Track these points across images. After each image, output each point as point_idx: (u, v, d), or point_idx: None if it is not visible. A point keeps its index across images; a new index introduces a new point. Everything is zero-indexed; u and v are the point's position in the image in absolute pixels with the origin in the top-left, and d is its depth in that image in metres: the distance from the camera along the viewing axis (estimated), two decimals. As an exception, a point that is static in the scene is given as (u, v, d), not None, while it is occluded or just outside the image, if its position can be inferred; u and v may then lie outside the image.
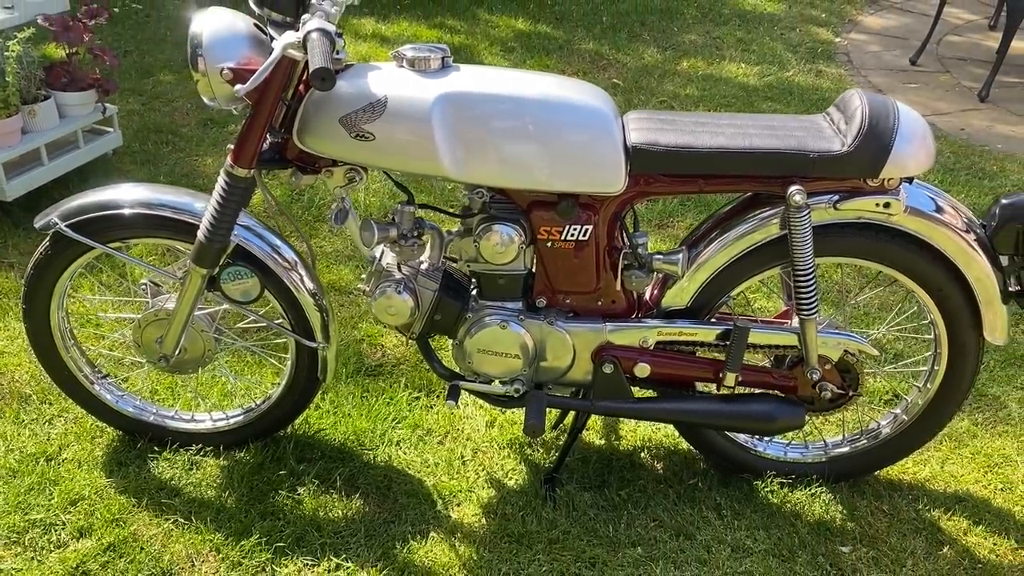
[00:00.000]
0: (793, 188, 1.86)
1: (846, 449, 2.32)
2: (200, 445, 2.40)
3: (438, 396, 2.62)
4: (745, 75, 5.13)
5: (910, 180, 1.95)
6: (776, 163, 1.86)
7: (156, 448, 2.39)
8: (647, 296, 2.15)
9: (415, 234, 2.02)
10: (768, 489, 2.32)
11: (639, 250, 2.00)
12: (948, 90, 5.11)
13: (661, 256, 2.00)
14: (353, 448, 2.42)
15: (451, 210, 2.09)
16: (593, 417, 2.48)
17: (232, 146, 1.93)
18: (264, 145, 1.94)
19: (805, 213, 1.88)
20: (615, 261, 2.03)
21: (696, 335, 2.06)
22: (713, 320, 2.10)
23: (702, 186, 1.94)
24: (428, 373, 2.68)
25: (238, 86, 1.74)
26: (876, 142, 1.84)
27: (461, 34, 5.51)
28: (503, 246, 1.96)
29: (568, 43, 5.45)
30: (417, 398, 2.61)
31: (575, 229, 1.96)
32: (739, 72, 5.16)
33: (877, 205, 1.91)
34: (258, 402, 2.41)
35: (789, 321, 2.17)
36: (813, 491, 2.31)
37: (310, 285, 2.17)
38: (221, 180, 1.95)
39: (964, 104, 4.93)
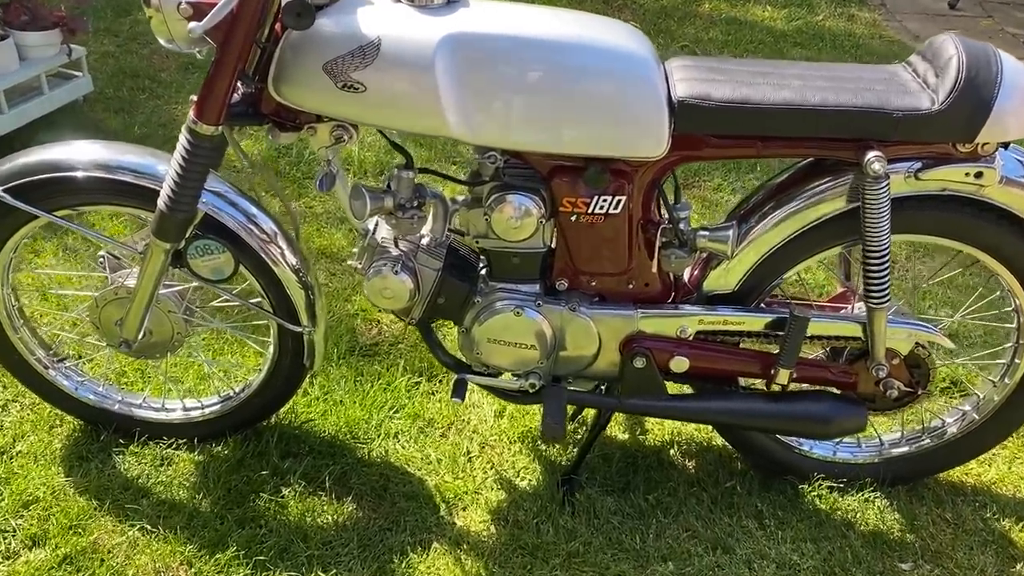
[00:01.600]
0: (871, 154, 1.54)
1: (905, 449, 2.04)
2: (172, 437, 2.12)
3: (441, 381, 2.33)
4: (772, 19, 4.74)
5: (1006, 145, 1.63)
6: (852, 123, 1.54)
7: (122, 441, 2.12)
8: (685, 278, 1.84)
9: (415, 204, 1.71)
10: (815, 494, 2.05)
11: (681, 225, 1.69)
12: (991, 36, 4.73)
13: (707, 232, 1.69)
14: (345, 441, 2.14)
15: (458, 176, 1.77)
16: (615, 407, 2.19)
17: (195, 97, 1.61)
18: (234, 97, 1.62)
19: (884, 184, 1.57)
20: (651, 238, 1.72)
21: (743, 324, 1.77)
22: (763, 307, 1.80)
23: (759, 150, 1.62)
24: (430, 354, 2.39)
25: (192, 23, 1.41)
26: (974, 99, 1.52)
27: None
28: (519, 220, 1.65)
29: (580, -18, 5.06)
30: (417, 384, 2.33)
31: (605, 200, 1.65)
32: (765, 15, 4.78)
33: (967, 175, 1.59)
34: (237, 389, 2.13)
35: (848, 306, 1.87)
36: (866, 496, 2.04)
37: (293, 260, 1.87)
38: (183, 139, 1.63)
39: (1008, 51, 4.56)
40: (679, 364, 1.79)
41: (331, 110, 1.58)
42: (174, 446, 2.11)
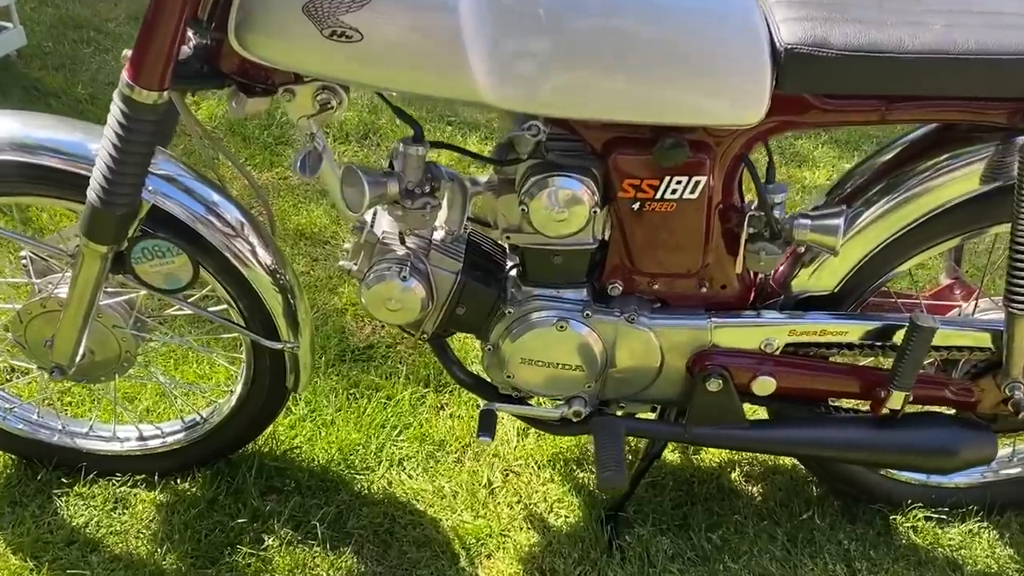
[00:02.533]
0: (1039, 120, 1.16)
1: (1018, 470, 1.69)
2: (127, 473, 1.73)
3: (451, 392, 1.95)
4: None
5: None
6: (1017, 77, 1.16)
7: (65, 480, 1.72)
8: (768, 277, 1.47)
9: (426, 189, 1.31)
10: (909, 525, 1.70)
11: (775, 212, 1.30)
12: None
13: (810, 221, 1.31)
14: (339, 473, 1.77)
15: (483, 154, 1.37)
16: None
17: (129, 53, 1.19)
18: (183, 51, 1.21)
19: (1051, 158, 1.19)
20: (733, 228, 1.34)
21: (847, 334, 1.40)
22: (868, 312, 1.44)
23: (883, 114, 1.24)
24: (437, 360, 2.01)
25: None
26: None
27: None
28: (565, 209, 1.26)
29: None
30: (423, 396, 1.94)
31: (679, 182, 1.26)
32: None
33: None
34: (205, 413, 1.74)
35: (958, 305, 1.51)
36: (971, 528, 1.70)
37: (267, 259, 1.48)
38: (116, 109, 1.22)
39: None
40: (763, 386, 1.42)
41: (315, 67, 1.17)
42: (130, 484, 1.73)
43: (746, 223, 1.31)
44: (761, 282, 1.45)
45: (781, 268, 1.44)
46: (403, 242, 1.38)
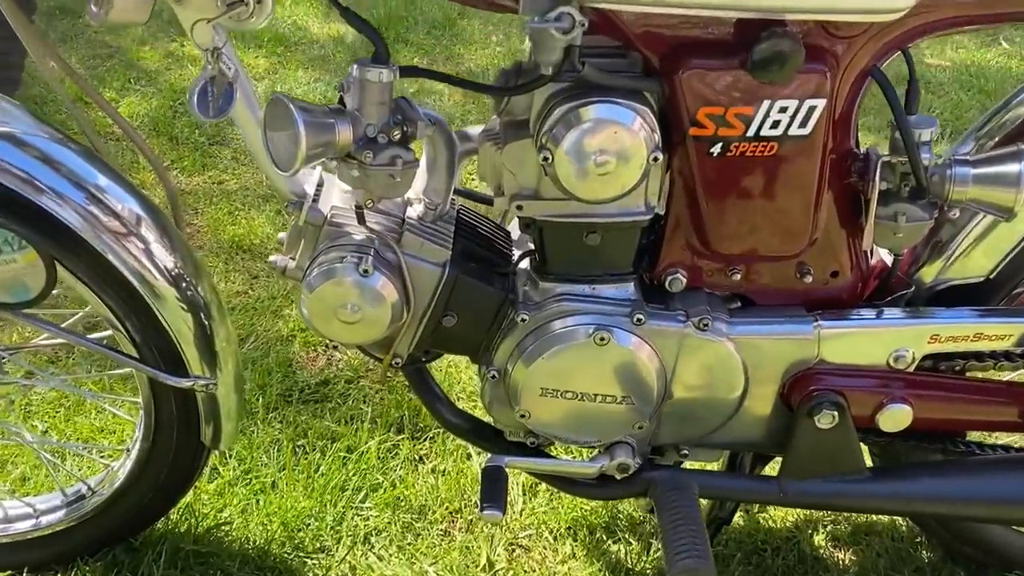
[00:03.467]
0: None
1: None
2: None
3: (433, 438, 1.48)
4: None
5: None
6: None
7: None
8: (879, 258, 1.03)
9: (394, 136, 0.86)
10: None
11: (923, 157, 0.87)
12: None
13: (976, 169, 0.87)
14: (284, 557, 1.29)
15: (479, 81, 0.94)
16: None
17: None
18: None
19: None
20: (857, 184, 0.90)
21: (1008, 338, 0.96)
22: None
23: None
24: (413, 396, 1.54)
25: None
26: None
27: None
28: (608, 155, 0.82)
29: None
30: (396, 446, 1.47)
31: (785, 109, 0.83)
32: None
33: None
34: (93, 482, 1.25)
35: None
36: None
37: (169, 263, 1.02)
38: None
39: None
40: (895, 418, 0.98)
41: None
42: (-11, 584, 1.23)
43: (876, 174, 0.88)
44: (880, 268, 1.02)
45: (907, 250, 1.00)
46: (362, 221, 0.92)
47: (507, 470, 0.98)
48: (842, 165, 0.90)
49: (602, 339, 0.92)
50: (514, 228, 1.06)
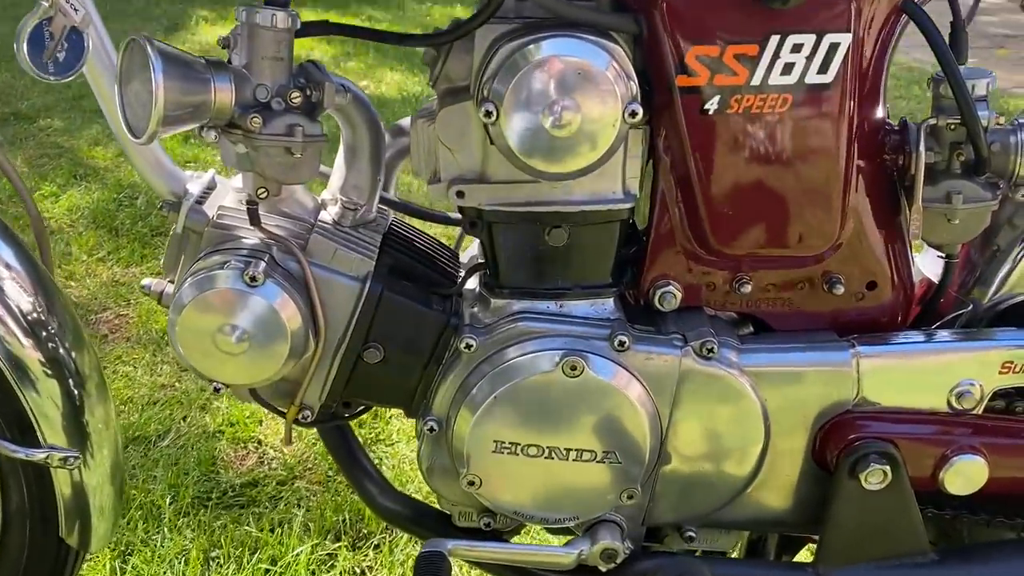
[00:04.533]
0: None
1: None
2: None
3: (377, 547, 1.21)
4: None
5: None
6: None
7: None
8: (923, 268, 0.82)
9: (293, 99, 0.66)
10: None
11: (979, 112, 0.67)
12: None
13: None
14: None
15: (405, 32, 0.75)
16: None
17: None
18: None
19: None
20: (894, 161, 0.70)
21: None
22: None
23: None
24: (350, 492, 1.28)
25: None
26: None
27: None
28: (572, 108, 0.61)
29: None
30: (332, 556, 1.20)
31: (799, 46, 0.63)
32: None
33: None
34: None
35: None
36: None
37: (24, 303, 0.81)
38: None
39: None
40: (966, 474, 0.74)
41: None
42: None
43: (921, 142, 0.67)
44: (924, 288, 0.80)
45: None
46: (256, 221, 0.70)
47: (451, 559, 0.72)
48: (873, 135, 0.70)
49: (573, 368, 0.69)
50: (469, 254, 0.84)
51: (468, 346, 0.70)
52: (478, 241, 0.80)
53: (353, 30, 0.71)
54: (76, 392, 0.86)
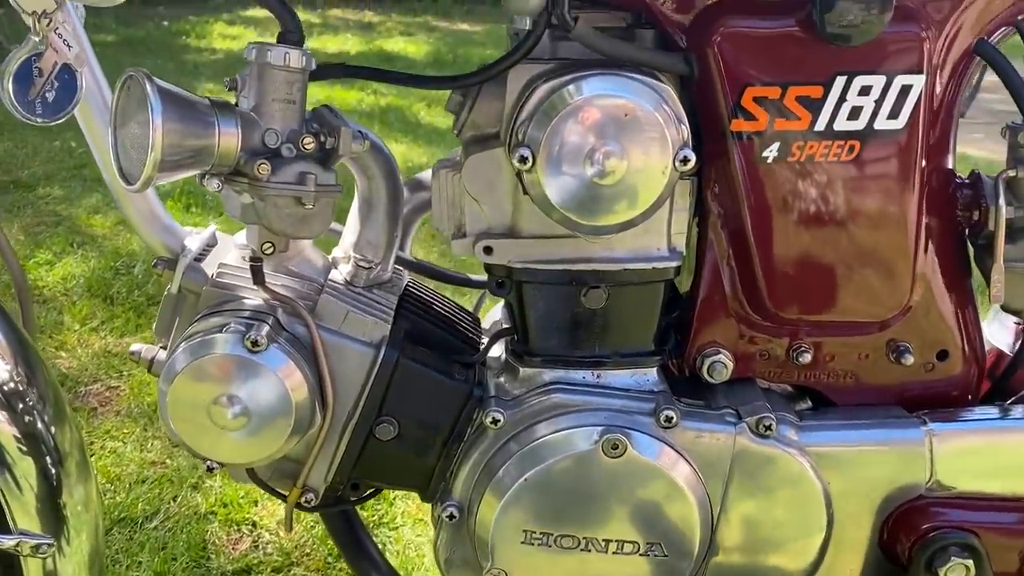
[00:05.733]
0: None
1: None
2: None
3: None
4: None
5: None
6: None
7: None
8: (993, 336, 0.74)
9: (305, 145, 0.60)
10: None
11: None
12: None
13: None
14: None
15: (431, 74, 0.68)
16: None
17: None
18: None
19: None
20: (966, 217, 0.63)
21: None
22: None
23: None
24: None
25: None
26: None
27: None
28: (616, 154, 0.55)
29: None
30: (331, 654, 1.09)
31: (868, 89, 0.57)
32: None
33: None
34: None
35: None
36: None
37: (1, 369, 0.73)
38: None
39: None
40: (1061, 571, 0.65)
41: None
42: None
43: (1000, 195, 0.61)
44: (993, 359, 0.72)
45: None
46: (260, 280, 0.63)
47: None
48: (943, 188, 0.63)
49: (615, 447, 0.61)
50: (491, 315, 0.77)
51: (495, 421, 0.63)
52: (501, 304, 0.73)
53: (373, 73, 0.65)
54: (54, 471, 0.77)
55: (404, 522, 1.32)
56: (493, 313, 0.80)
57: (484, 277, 0.78)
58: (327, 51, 5.01)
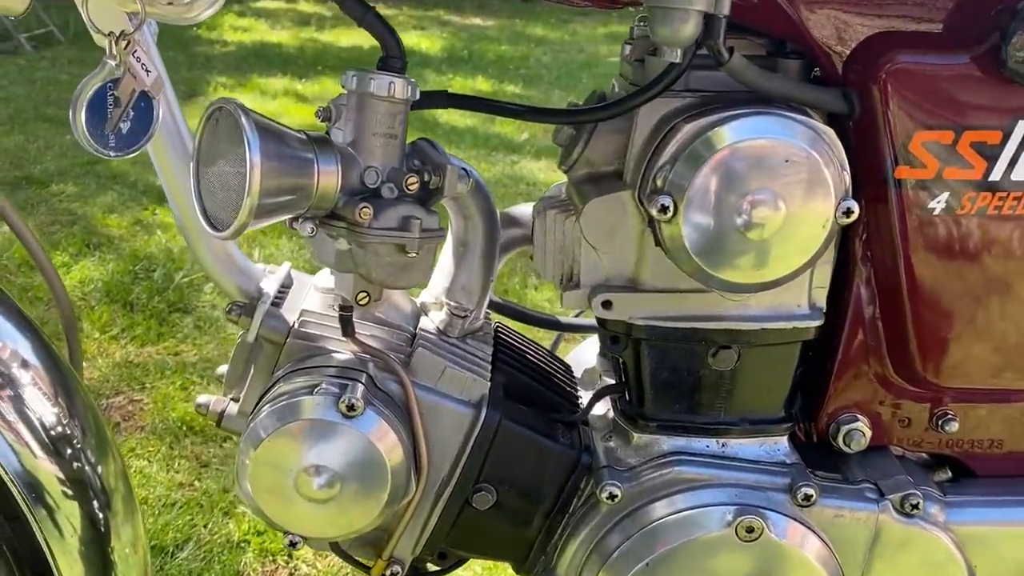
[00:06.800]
0: None
1: None
2: None
3: None
4: None
5: None
6: None
7: None
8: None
9: (409, 184, 0.53)
10: None
11: None
12: None
13: None
14: None
15: (545, 106, 0.61)
16: None
17: None
18: None
19: None
20: None
21: None
22: None
23: None
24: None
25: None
26: None
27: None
28: (772, 205, 0.48)
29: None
30: None
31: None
32: None
33: None
34: None
35: None
36: None
37: (48, 416, 0.67)
38: None
39: None
40: None
41: None
42: None
43: None
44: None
45: None
46: (350, 332, 0.57)
47: None
48: None
49: (750, 530, 0.54)
50: (573, 358, 0.71)
51: (611, 496, 0.56)
52: (585, 346, 0.67)
53: (479, 103, 0.58)
54: (101, 515, 0.71)
55: None
56: (577, 356, 0.73)
57: (571, 317, 0.72)
58: (340, 45, 4.94)
